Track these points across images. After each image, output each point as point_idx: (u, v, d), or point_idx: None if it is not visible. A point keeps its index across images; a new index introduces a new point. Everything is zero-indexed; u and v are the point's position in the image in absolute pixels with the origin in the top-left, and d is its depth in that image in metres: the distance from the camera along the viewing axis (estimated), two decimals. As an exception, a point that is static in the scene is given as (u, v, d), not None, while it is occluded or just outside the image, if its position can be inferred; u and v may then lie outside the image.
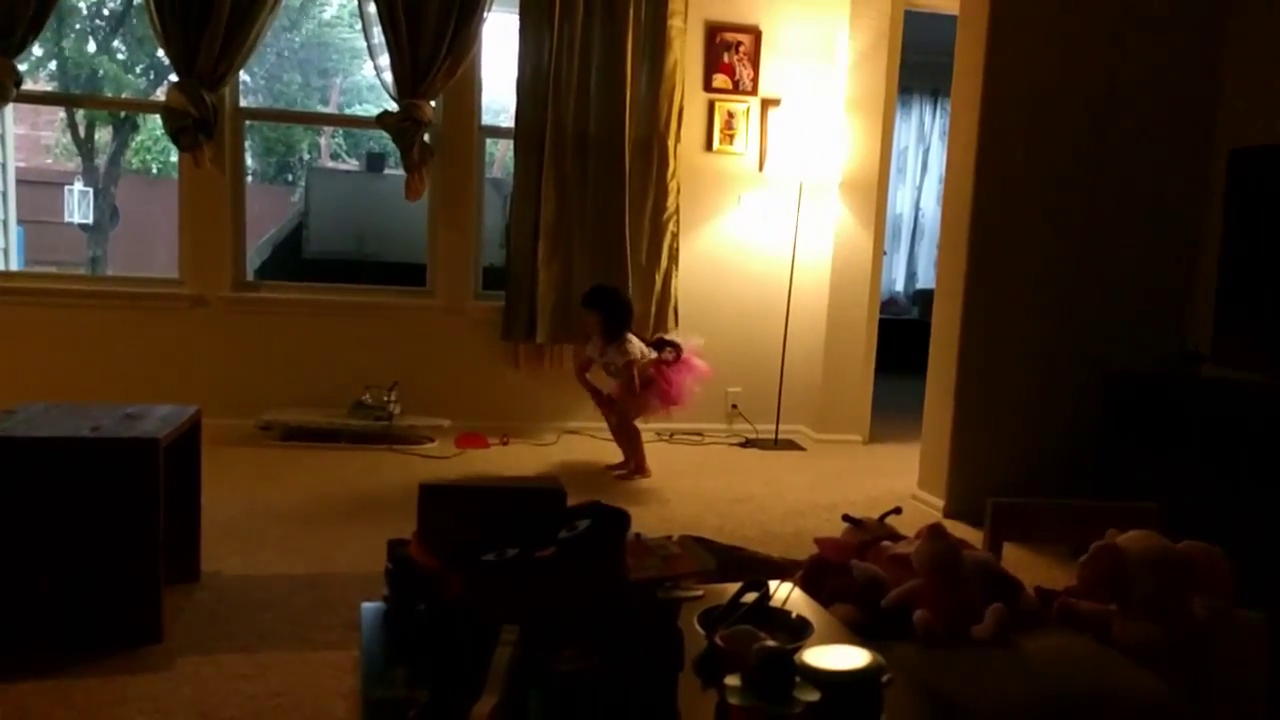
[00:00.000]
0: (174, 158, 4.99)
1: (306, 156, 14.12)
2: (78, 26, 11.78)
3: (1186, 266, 3.92)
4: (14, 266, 5.01)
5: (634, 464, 4.22)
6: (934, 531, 2.02)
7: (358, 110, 12.57)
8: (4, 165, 4.84)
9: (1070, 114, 3.78)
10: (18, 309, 4.49)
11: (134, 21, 11.75)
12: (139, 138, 13.11)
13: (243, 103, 4.82)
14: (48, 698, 2.02)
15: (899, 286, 9.16)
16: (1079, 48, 3.77)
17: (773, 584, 1.77)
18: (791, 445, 5.03)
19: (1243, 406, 3.24)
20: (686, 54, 4.88)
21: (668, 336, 4.42)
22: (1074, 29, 3.75)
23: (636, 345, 4.09)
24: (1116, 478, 3.52)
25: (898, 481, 4.27)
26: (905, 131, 8.82)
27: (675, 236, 4.95)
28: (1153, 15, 3.78)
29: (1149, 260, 3.90)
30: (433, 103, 4.68)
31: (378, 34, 4.56)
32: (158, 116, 4.55)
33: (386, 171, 10.56)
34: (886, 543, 2.26)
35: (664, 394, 4.10)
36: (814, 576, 2.06)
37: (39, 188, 11.46)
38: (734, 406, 5.22)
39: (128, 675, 2.15)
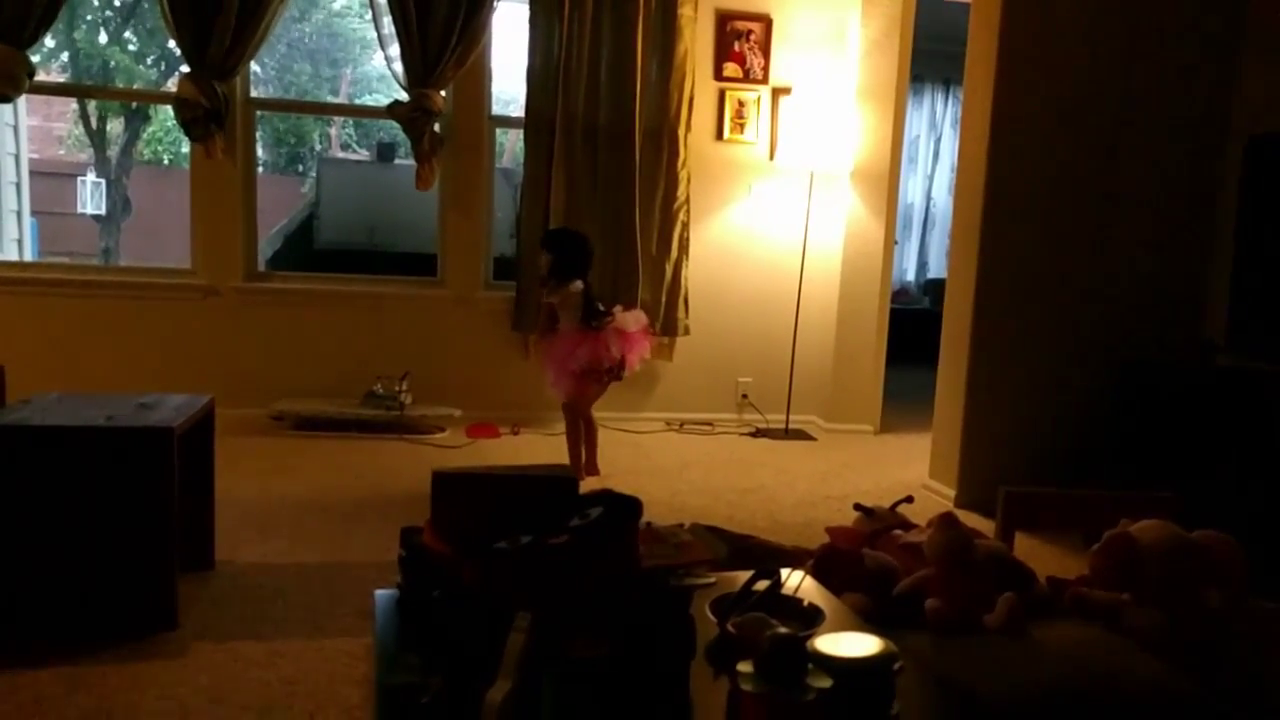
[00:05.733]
0: (185, 148, 5.00)
1: (317, 147, 14.15)
2: (89, 18, 11.82)
3: (1202, 255, 3.90)
4: (27, 257, 5.04)
5: (586, 463, 3.98)
6: (946, 520, 2.01)
7: (368, 100, 12.59)
8: (17, 156, 4.86)
9: (1085, 102, 3.75)
10: (31, 299, 4.52)
11: (145, 13, 11.79)
12: (150, 129, 13.17)
13: (253, 93, 4.83)
14: (64, 684, 2.04)
15: (910, 276, 9.13)
16: (1093, 35, 3.73)
17: (784, 572, 1.77)
18: (802, 435, 5.03)
19: (1258, 396, 3.22)
20: (697, 43, 4.86)
21: (612, 309, 3.93)
22: (1088, 16, 3.72)
23: (576, 290, 3.82)
24: (1130, 467, 3.51)
25: (909, 471, 4.27)
26: (917, 120, 8.77)
27: (686, 226, 4.94)
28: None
29: (1164, 248, 3.87)
30: (443, 93, 4.68)
31: (388, 24, 4.57)
32: (169, 107, 4.56)
33: (397, 161, 10.57)
34: (898, 531, 2.27)
35: (596, 372, 3.81)
36: (826, 565, 2.06)
37: (52, 179, 11.53)
38: (744, 396, 5.21)
39: (143, 662, 2.16)
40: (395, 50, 4.60)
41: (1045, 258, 3.79)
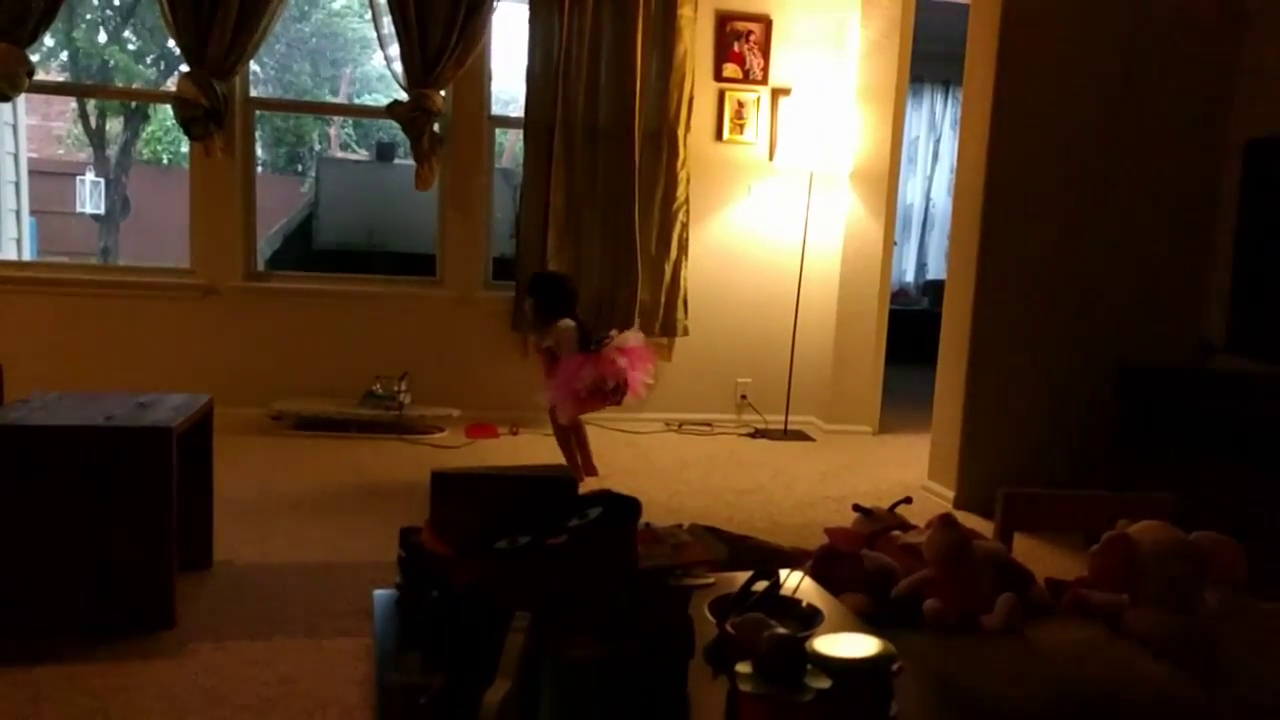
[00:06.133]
0: (185, 148, 5.00)
1: (316, 146, 14.14)
2: (89, 17, 11.81)
3: (1201, 257, 3.90)
4: (26, 257, 5.04)
5: (583, 464, 3.98)
6: (944, 521, 2.02)
7: (367, 100, 12.58)
8: (16, 156, 4.85)
9: (1084, 103, 3.76)
10: (30, 299, 4.51)
11: (144, 11, 11.78)
12: (150, 128, 13.16)
13: (253, 93, 4.83)
14: (62, 682, 2.04)
15: (909, 277, 9.13)
16: (1093, 37, 3.73)
17: (783, 573, 1.77)
18: (801, 436, 5.03)
19: (1256, 398, 3.22)
20: (696, 43, 4.86)
21: (608, 335, 3.97)
22: (1087, 18, 3.72)
23: (567, 325, 3.84)
24: (1128, 468, 3.51)
25: (908, 472, 4.27)
26: (916, 121, 8.77)
27: (685, 226, 4.94)
28: None
29: (1163, 250, 3.87)
30: (442, 92, 4.68)
31: (387, 23, 4.56)
32: (168, 107, 4.56)
33: (396, 161, 10.57)
34: (897, 532, 2.27)
35: (601, 391, 3.80)
36: (824, 566, 2.06)
37: (51, 178, 11.50)
38: (743, 397, 5.21)
39: (141, 661, 2.16)
40: (395, 50, 4.60)
41: (1044, 259, 3.79)
